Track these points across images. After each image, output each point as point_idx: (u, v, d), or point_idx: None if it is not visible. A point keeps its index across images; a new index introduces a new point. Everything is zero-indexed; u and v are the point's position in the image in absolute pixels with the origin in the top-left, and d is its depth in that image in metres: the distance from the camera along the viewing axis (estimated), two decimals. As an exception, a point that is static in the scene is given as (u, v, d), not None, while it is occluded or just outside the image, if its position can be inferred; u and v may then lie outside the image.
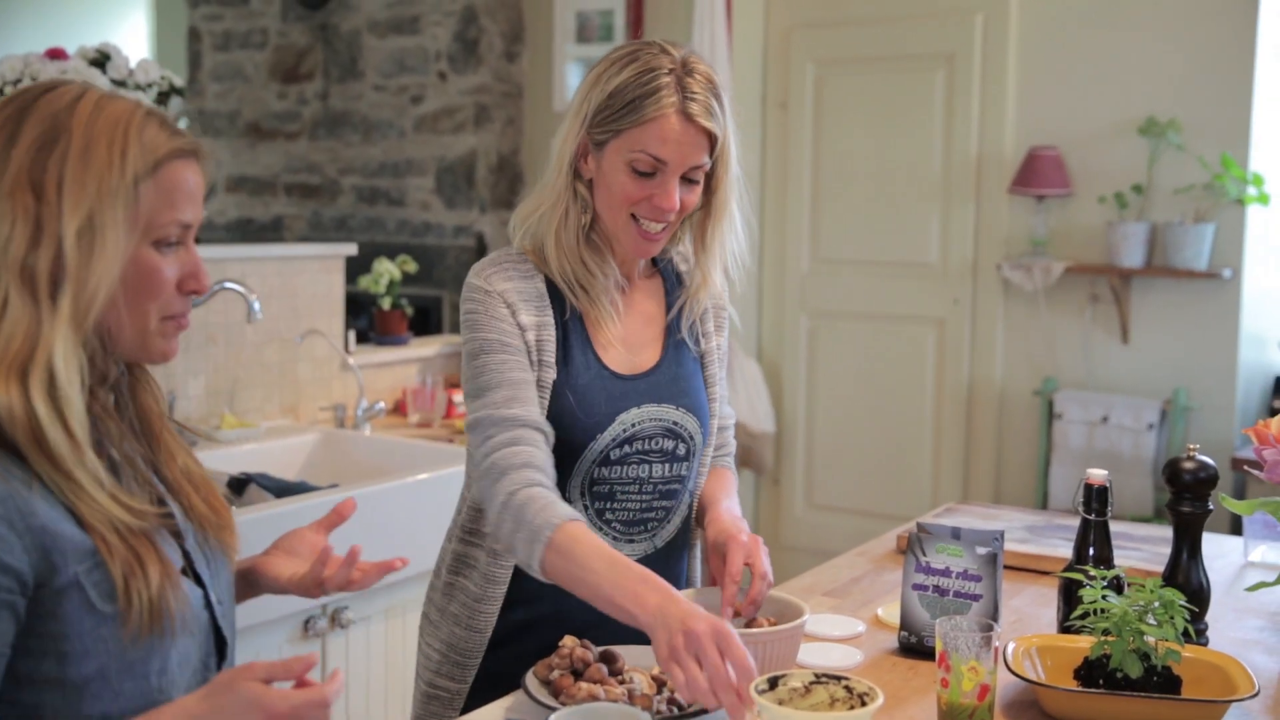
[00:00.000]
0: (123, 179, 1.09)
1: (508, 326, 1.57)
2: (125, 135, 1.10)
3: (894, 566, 2.02)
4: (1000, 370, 4.28)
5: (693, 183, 1.58)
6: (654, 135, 1.53)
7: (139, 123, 1.12)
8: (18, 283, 1.06)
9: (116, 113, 1.12)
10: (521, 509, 1.44)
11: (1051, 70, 4.11)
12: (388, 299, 3.66)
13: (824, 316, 4.60)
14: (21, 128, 1.09)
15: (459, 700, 1.65)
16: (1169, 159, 3.89)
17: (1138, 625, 1.40)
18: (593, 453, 1.60)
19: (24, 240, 1.06)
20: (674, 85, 1.53)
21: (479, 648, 1.64)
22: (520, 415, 1.52)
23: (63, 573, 1.05)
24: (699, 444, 1.69)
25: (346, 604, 2.56)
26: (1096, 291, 4.08)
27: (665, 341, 1.69)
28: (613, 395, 1.61)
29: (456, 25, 5.00)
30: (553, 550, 1.39)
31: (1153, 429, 3.91)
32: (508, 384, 1.54)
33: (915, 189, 4.37)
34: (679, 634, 1.24)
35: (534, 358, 1.58)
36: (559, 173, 1.61)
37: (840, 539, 4.15)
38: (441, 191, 5.12)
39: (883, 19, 4.40)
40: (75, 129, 1.09)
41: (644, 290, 1.71)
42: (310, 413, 3.30)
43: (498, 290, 1.58)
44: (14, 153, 1.08)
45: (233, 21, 5.67)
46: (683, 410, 1.66)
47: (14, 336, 1.06)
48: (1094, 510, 1.60)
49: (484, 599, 1.63)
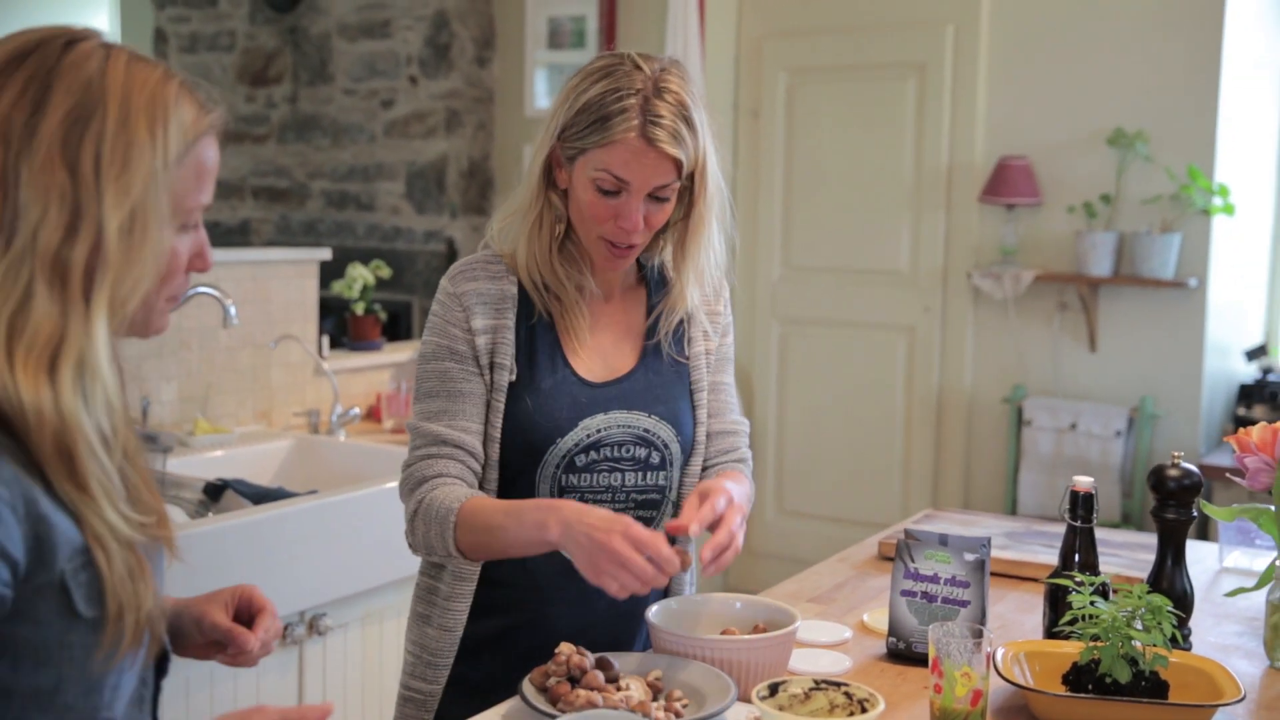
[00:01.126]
0: (165, 163, 1.02)
1: (458, 332, 1.59)
2: (165, 112, 1.02)
3: (876, 572, 2.03)
4: (970, 377, 4.32)
5: (661, 200, 1.57)
6: (616, 157, 1.52)
7: (174, 96, 1.04)
8: (47, 275, 0.97)
9: (151, 84, 1.02)
10: (429, 508, 1.53)
11: (1021, 81, 4.16)
12: (361, 304, 3.64)
13: (795, 323, 4.62)
14: (49, 96, 0.98)
15: (432, 702, 1.65)
16: (1137, 170, 3.94)
17: (1126, 631, 1.42)
18: (555, 456, 1.59)
19: (59, 227, 0.97)
20: (638, 108, 1.51)
21: (450, 648, 1.63)
22: (441, 433, 1.57)
23: (50, 569, 0.97)
24: (676, 453, 1.68)
25: (324, 611, 2.54)
26: (1065, 300, 4.13)
27: (644, 345, 1.69)
28: (578, 401, 1.61)
29: (428, 30, 4.99)
30: (461, 528, 1.50)
31: (1120, 436, 3.96)
32: (444, 395, 1.59)
33: (886, 197, 4.40)
34: (597, 554, 1.36)
35: (485, 361, 1.59)
36: (531, 181, 1.62)
37: (811, 545, 4.18)
38: (412, 196, 5.10)
39: (854, 29, 4.43)
40: (110, 102, 1.00)
41: (626, 299, 1.71)
42: (284, 418, 3.27)
43: (458, 292, 1.61)
44: (43, 126, 0.98)
45: (200, 23, 5.63)
46: (655, 418, 1.65)
47: (39, 332, 0.97)
48: (1079, 517, 1.61)
49: (453, 597, 1.63)
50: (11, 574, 0.95)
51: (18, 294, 0.97)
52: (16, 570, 0.96)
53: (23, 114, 0.98)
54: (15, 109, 0.98)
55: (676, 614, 1.57)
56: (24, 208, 0.97)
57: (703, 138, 1.57)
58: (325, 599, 2.54)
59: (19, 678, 0.98)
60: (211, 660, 1.29)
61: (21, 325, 0.97)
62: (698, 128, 1.56)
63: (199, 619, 1.26)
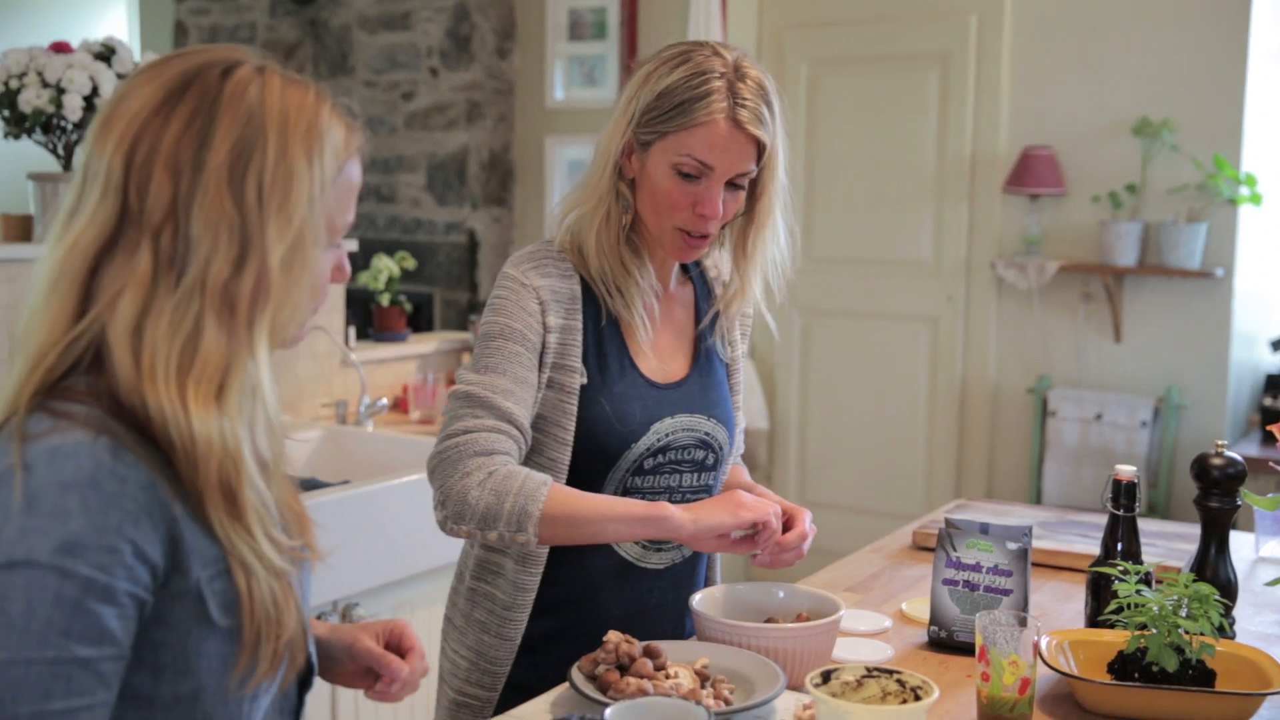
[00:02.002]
0: (322, 190, 1.03)
1: (534, 322, 1.55)
2: (321, 137, 1.03)
3: (911, 562, 2.03)
4: (994, 368, 4.31)
5: (737, 189, 1.56)
6: (702, 140, 1.50)
7: (327, 119, 1.05)
8: (216, 308, 0.98)
9: (307, 109, 1.03)
10: (504, 480, 1.44)
11: (1045, 70, 4.14)
12: (386, 295, 3.65)
13: (817, 314, 4.62)
14: (214, 128, 0.99)
15: (488, 708, 1.63)
16: (1162, 159, 3.93)
17: (1173, 619, 1.41)
18: (627, 461, 1.59)
19: (228, 261, 0.98)
20: (725, 90, 1.50)
21: (509, 655, 1.61)
22: (513, 412, 1.50)
23: (186, 576, 0.98)
24: (725, 454, 1.70)
25: (357, 601, 2.55)
26: (1090, 290, 4.12)
27: (695, 351, 1.68)
28: (648, 404, 1.60)
29: (448, 21, 4.99)
30: (551, 502, 1.43)
31: (1145, 426, 3.95)
32: (513, 377, 1.52)
33: (909, 188, 4.39)
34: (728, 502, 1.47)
35: (549, 360, 1.55)
36: (602, 171, 1.58)
37: (834, 536, 4.17)
38: (433, 188, 5.11)
39: (876, 19, 4.42)
40: (270, 131, 1.01)
41: (676, 298, 1.70)
42: (311, 409, 3.28)
43: (534, 285, 1.56)
44: (210, 159, 0.99)
45: (220, 16, 5.64)
46: (713, 421, 1.66)
47: (209, 362, 0.98)
48: (1122, 505, 1.61)
49: (513, 607, 1.60)
50: (151, 578, 0.97)
51: (188, 326, 0.98)
52: (156, 574, 0.97)
53: (190, 148, 0.99)
54: (183, 143, 0.99)
55: (720, 602, 1.58)
56: (195, 242, 0.98)
57: (779, 125, 1.56)
58: (358, 589, 2.55)
59: (159, 686, 1.00)
60: (358, 688, 1.30)
61: (191, 356, 0.98)
62: (776, 113, 1.55)
63: (350, 645, 1.27)
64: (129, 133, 0.99)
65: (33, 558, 0.91)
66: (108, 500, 0.93)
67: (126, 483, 0.94)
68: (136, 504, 0.95)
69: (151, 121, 0.99)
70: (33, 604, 0.91)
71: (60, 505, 0.92)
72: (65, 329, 0.99)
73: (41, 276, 1.01)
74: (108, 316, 0.98)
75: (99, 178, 1.00)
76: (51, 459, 0.94)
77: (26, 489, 0.93)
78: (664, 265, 1.66)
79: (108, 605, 0.93)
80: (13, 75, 2.59)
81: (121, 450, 0.95)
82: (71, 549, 0.92)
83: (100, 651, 0.94)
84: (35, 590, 0.91)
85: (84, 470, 0.93)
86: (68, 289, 0.99)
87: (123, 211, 0.99)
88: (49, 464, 0.93)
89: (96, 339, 0.99)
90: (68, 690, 0.92)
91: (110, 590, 0.93)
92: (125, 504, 0.94)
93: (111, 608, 0.94)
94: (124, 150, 0.99)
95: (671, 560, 1.67)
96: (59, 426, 0.95)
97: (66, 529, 0.92)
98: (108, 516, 0.93)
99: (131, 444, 0.96)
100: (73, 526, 0.92)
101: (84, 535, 0.92)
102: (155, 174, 0.98)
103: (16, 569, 0.92)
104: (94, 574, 0.92)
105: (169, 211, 0.98)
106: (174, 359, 0.97)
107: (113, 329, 0.98)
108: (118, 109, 1.01)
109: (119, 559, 0.93)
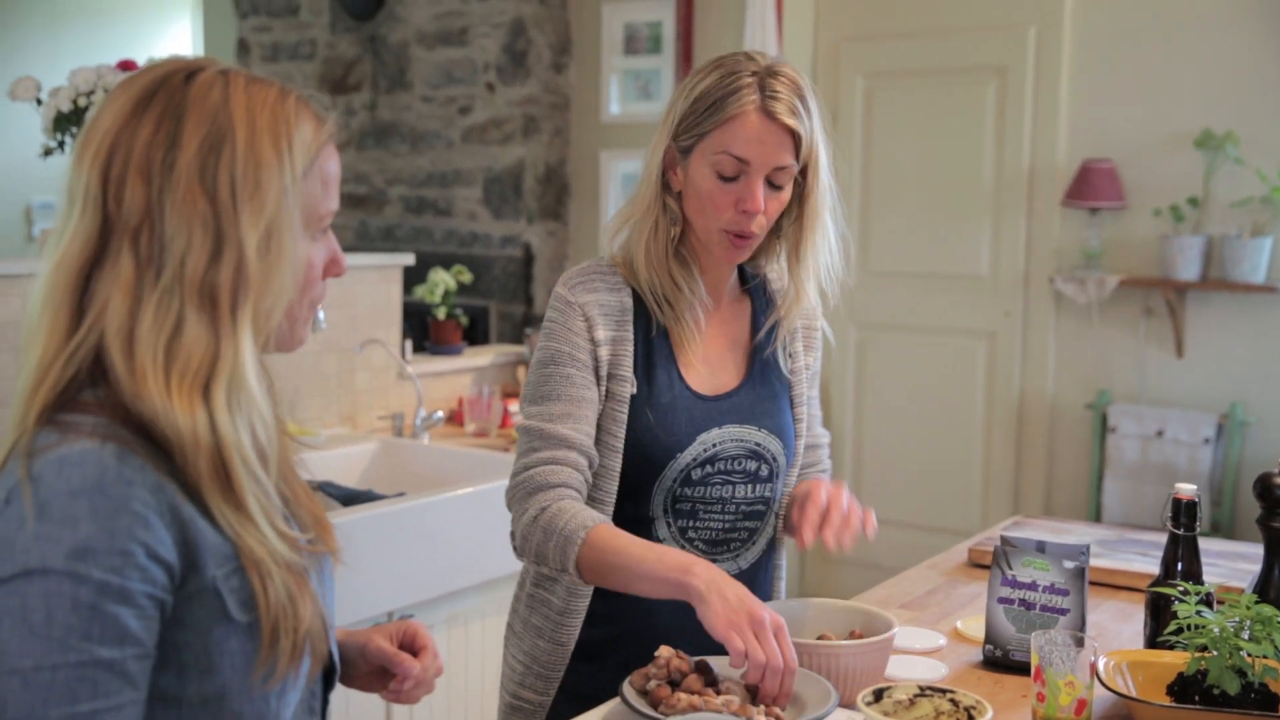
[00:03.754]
0: (293, 178, 1.05)
1: (581, 341, 1.58)
2: (289, 129, 1.06)
3: (967, 579, 2.01)
4: (1052, 384, 4.26)
5: (777, 187, 1.57)
6: (735, 134, 1.52)
7: (294, 112, 1.07)
8: (196, 301, 1.01)
9: (271, 103, 1.06)
10: (553, 519, 1.49)
11: (1105, 82, 4.10)
12: (442, 309, 3.68)
13: (873, 328, 4.59)
14: (182, 129, 1.02)
15: (541, 713, 1.65)
16: (1226, 171, 3.87)
17: (1235, 641, 1.39)
18: (673, 471, 1.60)
19: (204, 253, 1.01)
20: (755, 85, 1.53)
21: (562, 661, 1.63)
22: (569, 436, 1.55)
23: (201, 574, 1.00)
24: (783, 465, 1.69)
25: (412, 613, 2.57)
26: (1151, 305, 4.06)
27: (750, 362, 1.68)
28: (694, 415, 1.61)
29: (505, 37, 5.03)
30: (588, 548, 1.45)
31: (1209, 444, 3.88)
32: (567, 399, 1.56)
33: (966, 201, 4.36)
34: (741, 612, 1.32)
35: (604, 372, 1.59)
36: (648, 184, 1.61)
37: (890, 552, 4.13)
38: (489, 202, 5.14)
39: (933, 32, 4.40)
40: (238, 127, 1.03)
41: (731, 312, 1.70)
42: (368, 421, 3.32)
43: (579, 302, 1.59)
44: (180, 159, 1.01)
45: (281, 33, 5.72)
46: (765, 432, 1.66)
47: (192, 355, 1.00)
48: (1182, 525, 1.58)
49: (567, 612, 1.63)
50: (168, 578, 0.98)
51: (171, 322, 1.00)
52: (172, 575, 0.99)
53: (161, 150, 1.02)
54: (153, 146, 1.02)
55: (772, 619, 1.57)
56: (170, 239, 1.01)
57: (817, 123, 1.57)
58: (413, 600, 2.56)
59: (185, 686, 1.01)
60: (375, 692, 1.31)
61: (175, 351, 1.00)
62: (813, 110, 1.56)
63: (363, 646, 1.28)
64: (103, 146, 1.02)
65: (47, 565, 0.94)
66: (116, 505, 0.96)
67: (134, 486, 0.97)
68: (145, 507, 0.97)
69: (123, 132, 1.02)
70: (52, 611, 0.93)
71: (70, 513, 0.95)
72: (62, 343, 1.02)
73: (35, 298, 1.04)
74: (102, 325, 1.01)
75: (79, 195, 1.03)
76: (60, 469, 0.96)
77: (37, 499, 0.95)
78: (716, 277, 1.66)
79: (125, 606, 0.95)
80: (81, 93, 2.65)
81: (128, 455, 0.98)
82: (83, 554, 0.94)
83: (123, 652, 0.95)
84: (53, 597, 0.93)
85: (91, 477, 0.96)
86: (59, 304, 1.02)
87: (104, 222, 1.02)
88: (57, 473, 0.96)
89: (95, 349, 1.01)
90: (94, 692, 0.94)
91: (126, 592, 0.95)
92: (134, 507, 0.96)
93: (129, 608, 0.95)
94: (100, 164, 1.02)
95: (728, 571, 1.66)
96: (66, 438, 0.98)
97: (77, 535, 0.94)
98: (117, 521, 0.95)
99: (139, 448, 0.99)
100: (83, 532, 0.94)
101: (94, 540, 0.94)
102: (130, 180, 1.01)
103: (33, 577, 0.94)
104: (107, 577, 0.94)
105: (145, 213, 1.01)
106: (160, 355, 1.00)
107: (108, 336, 1.01)
108: (93, 127, 1.04)
109: (131, 561, 0.95)
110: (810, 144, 1.56)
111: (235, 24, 5.85)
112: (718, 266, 1.65)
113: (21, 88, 2.68)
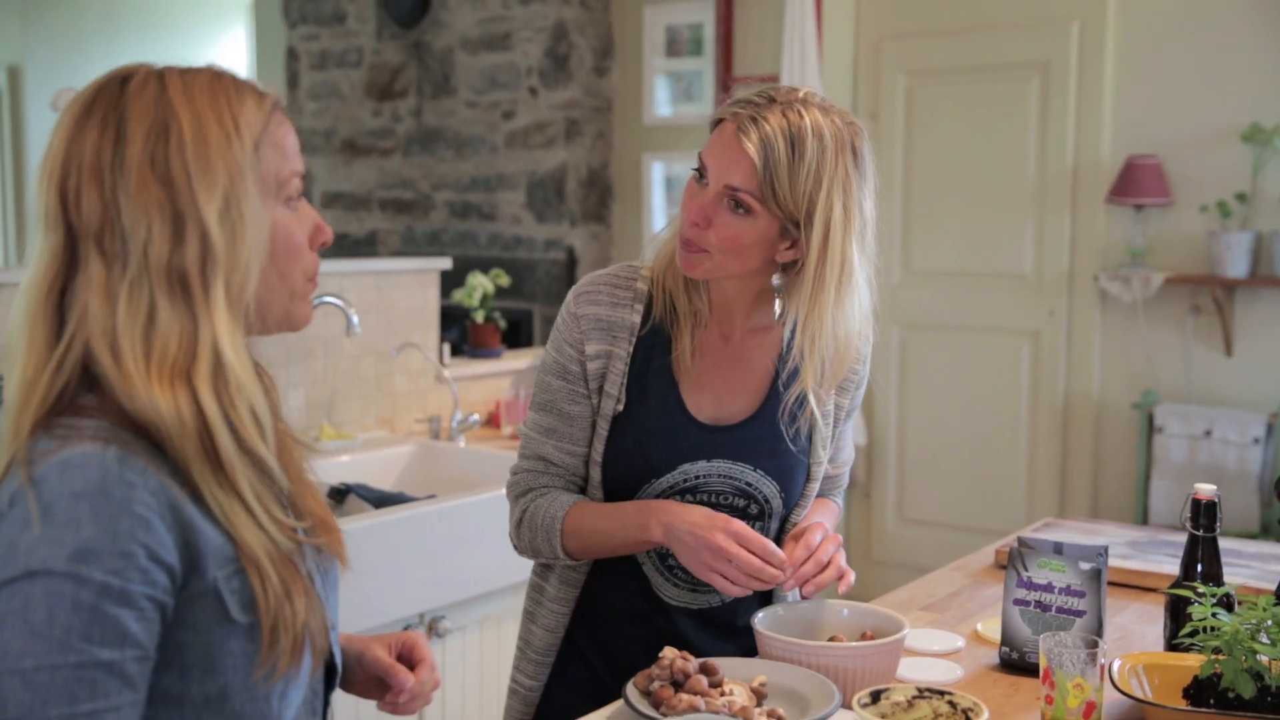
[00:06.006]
0: (244, 148, 1.06)
1: (572, 353, 1.59)
2: (230, 106, 1.07)
3: (992, 581, 1.99)
4: (1098, 383, 4.21)
5: (744, 211, 1.47)
6: (710, 140, 1.51)
7: (231, 90, 1.08)
8: (165, 287, 1.02)
9: (208, 85, 1.07)
10: (533, 515, 1.60)
11: (1150, 77, 4.04)
12: (481, 312, 3.70)
13: (916, 328, 4.56)
14: (126, 126, 1.04)
15: (534, 697, 1.68)
16: (1274, 166, 3.80)
17: (1250, 644, 1.37)
18: (648, 495, 1.58)
19: (166, 238, 1.02)
20: (746, 103, 1.48)
21: (552, 647, 1.66)
22: (549, 454, 1.61)
23: (203, 576, 1.01)
24: (777, 508, 1.62)
25: (443, 614, 2.59)
26: (1198, 302, 3.99)
27: (767, 397, 1.61)
28: (681, 443, 1.57)
29: (547, 41, 5.05)
30: (567, 535, 1.56)
31: (1258, 443, 3.81)
32: (555, 413, 1.61)
33: (1009, 199, 4.31)
34: (701, 550, 1.43)
35: (594, 385, 1.58)
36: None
37: (932, 554, 4.10)
38: (532, 206, 5.17)
39: (975, 29, 4.36)
40: (181, 112, 1.04)
41: (755, 340, 1.61)
42: (406, 424, 3.35)
43: (578, 314, 1.59)
44: (129, 152, 1.03)
45: (329, 41, 5.80)
46: (760, 473, 1.59)
47: (169, 342, 1.01)
48: (1202, 526, 1.56)
49: (558, 599, 1.66)
50: (170, 581, 1.00)
51: (144, 311, 1.02)
52: (174, 577, 1.00)
53: (109, 151, 1.04)
54: (102, 150, 1.04)
55: (783, 620, 1.57)
56: (130, 231, 1.02)
57: (810, 178, 1.44)
58: (444, 602, 2.59)
59: (188, 686, 1.03)
60: (371, 700, 1.32)
61: (153, 339, 1.02)
62: (807, 161, 1.44)
63: (361, 655, 1.28)
64: (56, 165, 1.04)
65: (49, 566, 0.95)
66: (118, 507, 0.97)
67: (136, 489, 0.98)
68: (147, 509, 0.98)
69: (71, 146, 1.04)
70: (53, 611, 0.95)
71: (72, 515, 0.96)
72: (45, 355, 1.03)
73: (12, 319, 1.06)
74: (86, 331, 1.02)
75: (43, 217, 1.05)
76: (63, 472, 0.98)
77: (41, 501, 0.97)
78: (725, 298, 1.59)
79: (125, 608, 0.97)
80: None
81: (130, 458, 0.99)
82: (85, 556, 0.95)
83: (122, 654, 0.97)
84: (54, 598, 0.95)
85: (93, 480, 0.97)
86: (35, 319, 1.04)
87: (68, 234, 1.04)
88: (60, 477, 0.97)
89: (83, 356, 1.03)
90: (93, 693, 0.95)
91: (126, 594, 0.97)
92: (136, 510, 0.97)
93: (129, 610, 0.97)
94: (56, 181, 1.04)
95: (709, 603, 1.64)
96: (68, 442, 0.99)
97: (79, 537, 0.96)
98: (119, 523, 0.97)
99: (140, 451, 1.00)
100: (85, 534, 0.96)
101: (96, 542, 0.96)
102: (84, 187, 1.03)
103: (35, 578, 0.95)
104: (108, 579, 0.96)
105: (103, 214, 1.03)
106: (138, 345, 1.01)
107: (93, 340, 1.02)
108: (46, 153, 1.06)
109: (133, 563, 0.97)
110: (788, 193, 1.44)
111: (284, 33, 5.94)
112: (724, 286, 1.58)
113: (62, 99, 2.74)
